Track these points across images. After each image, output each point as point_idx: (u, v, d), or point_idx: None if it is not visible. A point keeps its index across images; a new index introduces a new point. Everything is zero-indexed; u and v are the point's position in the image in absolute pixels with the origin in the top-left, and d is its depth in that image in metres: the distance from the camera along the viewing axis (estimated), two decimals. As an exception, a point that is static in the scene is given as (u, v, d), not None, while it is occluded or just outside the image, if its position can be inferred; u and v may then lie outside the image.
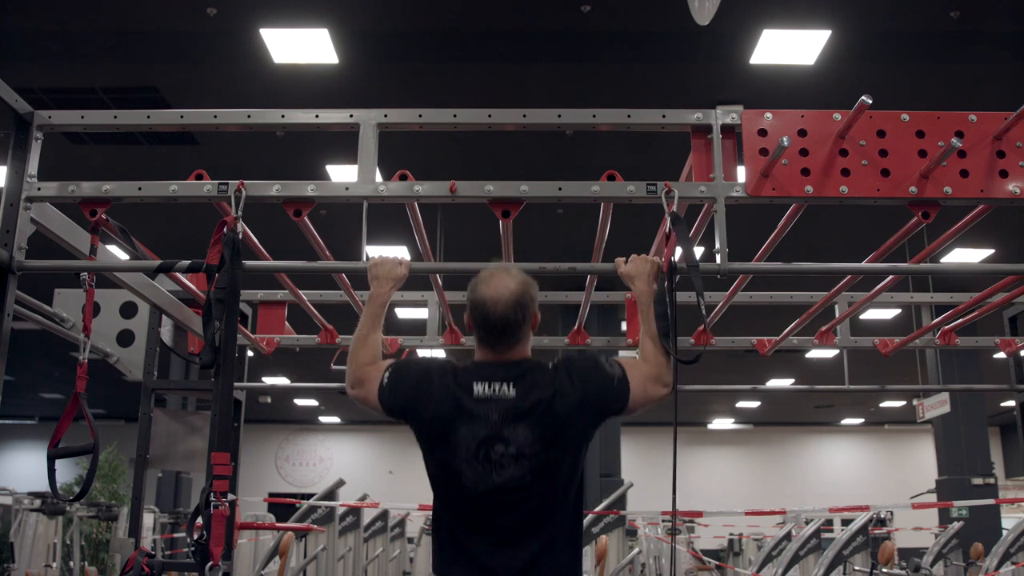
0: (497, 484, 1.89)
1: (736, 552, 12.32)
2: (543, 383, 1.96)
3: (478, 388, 1.94)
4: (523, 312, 2.00)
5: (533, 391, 1.94)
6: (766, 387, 15.38)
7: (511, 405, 1.92)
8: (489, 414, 1.91)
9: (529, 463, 1.90)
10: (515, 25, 6.39)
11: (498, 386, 1.94)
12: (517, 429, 1.90)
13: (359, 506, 7.41)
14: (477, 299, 2.02)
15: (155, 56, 6.66)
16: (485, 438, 1.90)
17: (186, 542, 2.35)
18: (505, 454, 1.89)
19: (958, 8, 6.02)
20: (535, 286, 2.07)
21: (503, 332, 1.99)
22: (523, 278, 2.05)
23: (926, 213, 2.45)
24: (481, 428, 1.91)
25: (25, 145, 2.58)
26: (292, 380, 16.34)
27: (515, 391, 1.93)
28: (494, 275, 2.05)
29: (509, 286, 2.01)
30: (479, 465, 1.90)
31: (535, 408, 1.92)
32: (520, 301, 1.99)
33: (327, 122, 2.61)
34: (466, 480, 1.91)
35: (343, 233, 4.54)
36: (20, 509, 6.70)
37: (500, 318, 1.98)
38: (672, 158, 3.29)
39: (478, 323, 2.02)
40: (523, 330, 2.02)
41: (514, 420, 1.91)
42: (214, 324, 2.29)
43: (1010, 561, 6.39)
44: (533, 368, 2.00)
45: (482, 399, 1.93)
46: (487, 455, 1.90)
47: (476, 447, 1.90)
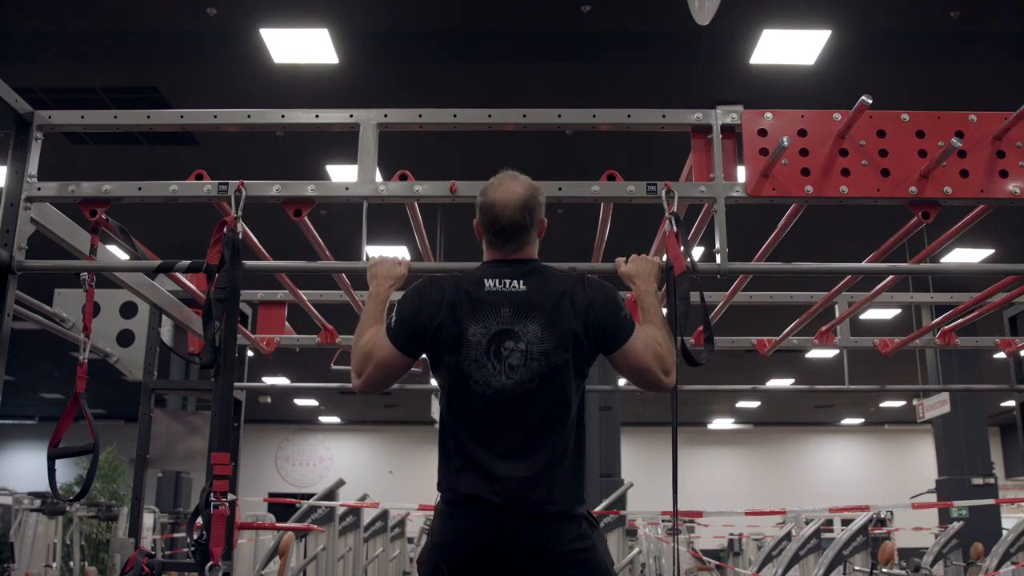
0: (505, 386, 1.93)
1: (736, 552, 12.32)
2: (553, 281, 2.03)
3: (489, 283, 2.01)
4: (531, 215, 2.08)
5: (543, 287, 2.01)
6: (766, 387, 15.38)
7: (521, 299, 1.98)
8: (500, 307, 1.97)
9: (537, 364, 1.94)
10: (515, 25, 6.39)
11: (508, 281, 2.01)
12: (527, 324, 1.96)
13: (359, 506, 7.41)
14: (486, 202, 2.10)
15: (155, 56, 6.66)
16: (496, 333, 1.95)
17: (186, 542, 2.35)
18: (515, 350, 1.94)
19: (958, 8, 6.02)
20: (542, 193, 2.14)
21: (512, 234, 2.07)
22: (531, 183, 2.13)
23: (926, 213, 2.46)
24: (492, 322, 1.96)
25: (25, 145, 2.58)
26: (292, 380, 16.34)
27: (525, 286, 2.00)
28: (503, 180, 2.13)
29: (517, 190, 2.08)
30: (489, 363, 1.94)
31: (544, 303, 1.98)
32: (528, 205, 2.07)
33: (327, 122, 2.61)
34: (475, 384, 1.94)
35: (343, 233, 4.55)
36: (20, 509, 6.70)
37: (509, 220, 2.06)
38: (672, 158, 3.29)
39: (487, 225, 2.10)
40: (530, 233, 2.10)
41: (524, 314, 1.96)
42: (214, 324, 2.29)
43: (1010, 561, 6.39)
44: (542, 268, 2.08)
45: (493, 292, 1.99)
46: (497, 351, 1.94)
47: (487, 343, 1.95)
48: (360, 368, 2.11)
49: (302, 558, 6.29)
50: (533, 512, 1.89)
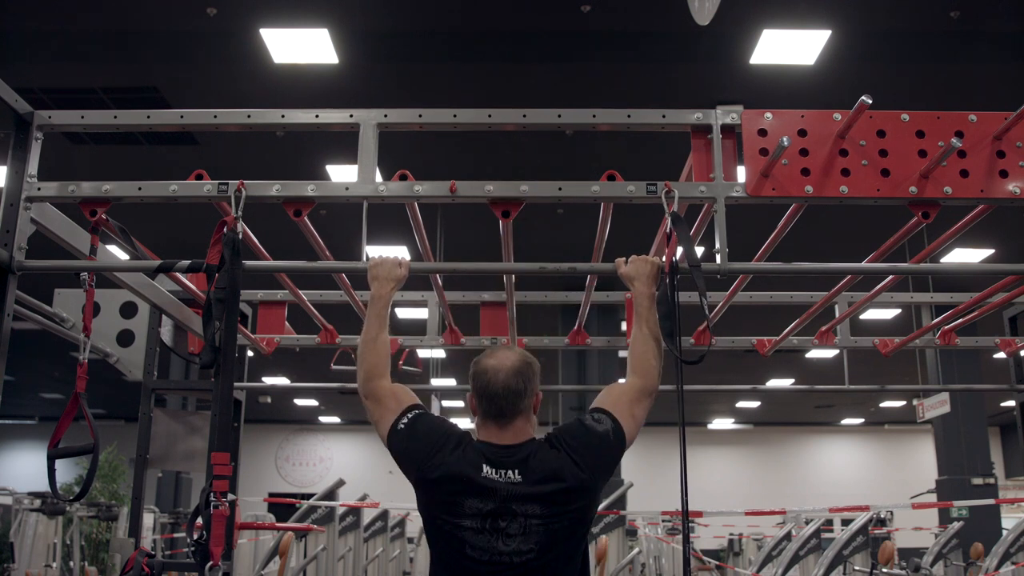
0: (503, 552, 1.88)
1: (736, 552, 12.33)
2: (548, 467, 1.94)
3: (486, 470, 1.93)
4: (525, 382, 2.00)
5: (537, 473, 1.93)
6: (766, 387, 15.39)
7: (518, 490, 1.91)
8: (497, 492, 1.91)
9: (537, 535, 1.89)
10: (515, 25, 6.39)
11: (504, 472, 1.92)
12: (525, 506, 1.90)
13: (359, 506, 7.41)
14: (479, 370, 2.04)
15: (155, 56, 6.66)
16: (493, 510, 1.89)
17: (186, 542, 2.35)
18: (512, 525, 1.89)
19: (958, 8, 6.02)
20: (537, 364, 2.07)
21: (504, 401, 1.98)
22: (524, 353, 2.08)
23: (926, 213, 2.45)
24: (489, 503, 1.90)
25: (25, 145, 2.58)
26: (292, 380, 16.35)
27: (521, 476, 1.92)
28: (496, 350, 2.08)
29: (511, 357, 2.04)
30: (485, 534, 1.89)
31: (541, 491, 1.91)
32: (521, 371, 2.01)
33: (327, 122, 2.61)
34: (470, 550, 1.89)
35: (343, 233, 4.55)
36: (20, 509, 6.71)
37: (502, 386, 1.98)
38: (672, 158, 3.29)
39: (480, 394, 2.02)
40: (525, 401, 2.01)
41: (522, 501, 1.90)
42: (214, 324, 2.29)
43: (1010, 561, 6.39)
44: (536, 452, 1.97)
45: (490, 479, 1.92)
46: (495, 525, 1.89)
47: (483, 517, 1.89)
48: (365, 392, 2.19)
49: (302, 558, 6.29)
50: None
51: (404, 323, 10.34)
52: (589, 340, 4.30)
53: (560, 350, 8.25)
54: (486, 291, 4.24)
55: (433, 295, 4.30)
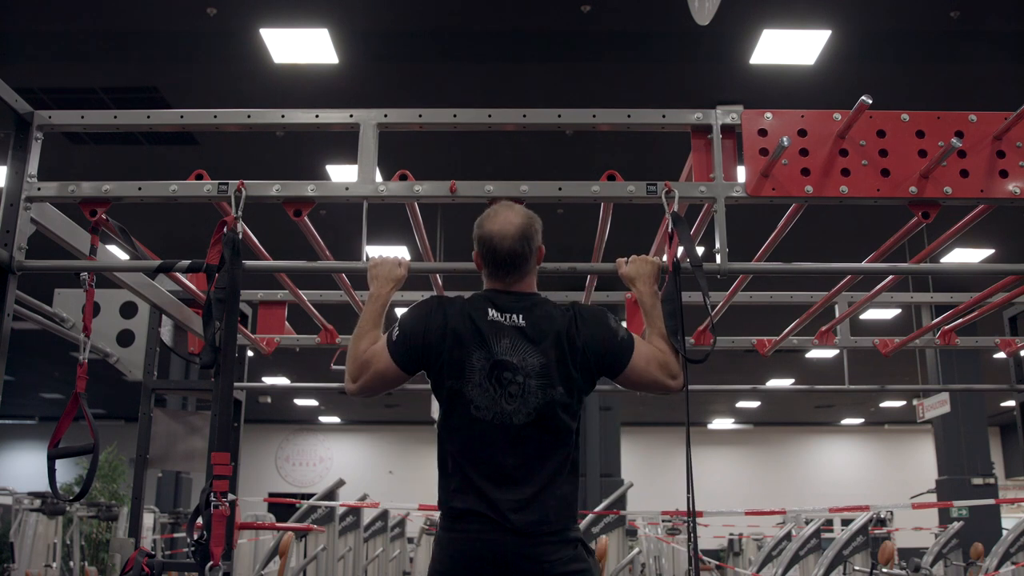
0: (504, 411, 1.96)
1: (736, 552, 12.32)
2: (552, 317, 2.04)
3: (492, 313, 2.02)
4: (528, 245, 2.09)
5: (541, 322, 2.02)
6: (766, 387, 15.37)
7: (521, 333, 2.00)
8: (500, 339, 1.99)
9: (534, 398, 1.97)
10: (515, 25, 6.39)
11: (508, 315, 2.02)
12: (526, 357, 1.98)
13: (359, 506, 7.41)
14: (484, 234, 2.11)
15: (155, 56, 6.66)
16: (496, 363, 1.97)
17: (186, 542, 2.35)
18: (514, 381, 1.97)
19: (958, 8, 6.02)
20: (539, 220, 2.14)
21: (511, 264, 2.08)
22: (527, 212, 2.14)
23: (926, 213, 2.45)
24: (493, 351, 1.98)
25: (25, 145, 2.58)
26: (292, 380, 16.34)
27: (524, 321, 2.02)
28: (499, 211, 2.14)
29: (514, 221, 2.10)
30: (490, 388, 1.96)
31: (543, 338, 2.00)
32: (525, 234, 2.08)
33: (327, 122, 2.61)
34: (475, 409, 1.97)
35: (343, 233, 4.55)
36: (20, 509, 6.70)
37: (507, 251, 2.07)
38: (672, 158, 3.29)
39: (486, 257, 2.11)
40: (529, 263, 2.11)
41: (523, 348, 1.98)
42: (214, 324, 2.29)
43: (1010, 561, 6.39)
44: (542, 302, 2.08)
45: (494, 323, 2.01)
46: (498, 379, 1.97)
47: (488, 370, 1.97)
48: (356, 374, 2.12)
49: (302, 558, 6.29)
50: (530, 532, 1.92)
51: (404, 323, 10.33)
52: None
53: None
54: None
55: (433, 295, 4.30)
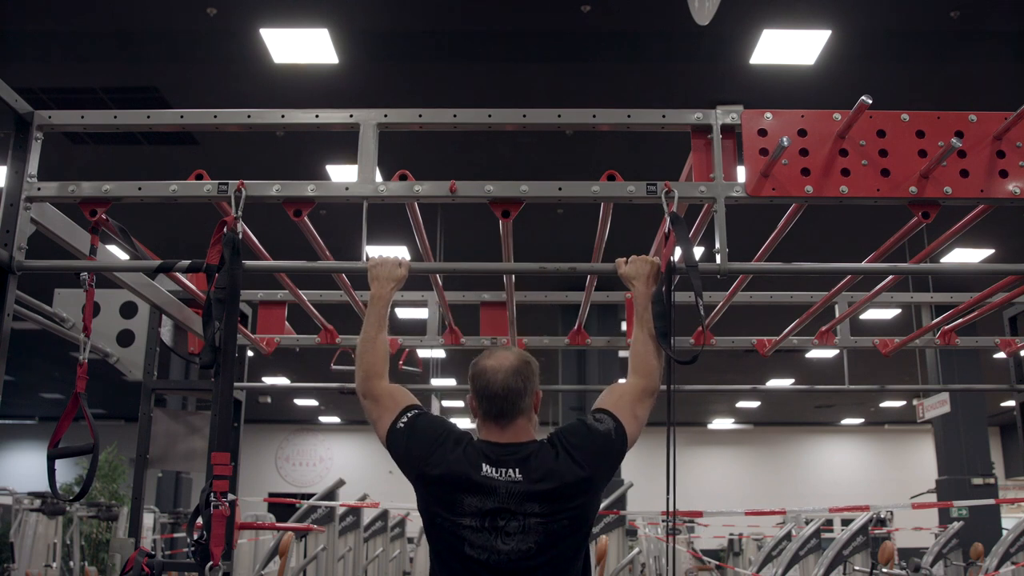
0: (503, 552, 1.87)
1: (736, 552, 12.31)
2: (548, 466, 1.93)
3: (486, 469, 1.92)
4: (524, 382, 2.00)
5: (538, 472, 1.92)
6: (766, 387, 15.39)
7: (518, 488, 1.90)
8: (497, 491, 1.90)
9: (536, 533, 1.88)
10: (515, 25, 6.39)
11: (504, 470, 1.92)
12: (525, 505, 1.89)
13: (359, 506, 7.41)
14: (478, 371, 2.03)
15: (155, 56, 6.66)
16: (493, 509, 1.89)
17: (186, 542, 2.35)
18: (511, 523, 1.88)
19: (958, 8, 6.02)
20: (536, 363, 2.07)
21: (504, 401, 1.98)
22: (523, 353, 2.07)
23: (926, 213, 2.45)
24: (489, 501, 1.89)
25: (25, 145, 2.58)
26: (292, 380, 16.35)
27: (521, 475, 1.91)
28: (495, 350, 2.08)
29: (509, 357, 2.03)
30: (485, 532, 1.88)
31: (541, 490, 1.90)
32: (521, 370, 2.01)
33: (327, 122, 2.61)
34: (470, 548, 1.88)
35: (343, 233, 4.55)
36: (20, 509, 6.70)
37: (501, 385, 1.98)
38: (672, 158, 3.29)
39: (480, 394, 2.01)
40: (525, 401, 2.01)
41: (521, 500, 1.89)
42: (214, 324, 2.29)
43: (1010, 561, 6.38)
44: (537, 451, 1.96)
45: (489, 478, 1.91)
46: (494, 524, 1.88)
47: (483, 515, 1.89)
48: (361, 392, 2.19)
49: (302, 558, 6.29)
50: None
51: (404, 323, 10.34)
52: (589, 340, 4.30)
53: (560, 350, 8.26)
54: (486, 291, 4.24)
55: (433, 295, 4.30)
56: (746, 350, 4.42)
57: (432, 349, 7.45)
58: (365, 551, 7.83)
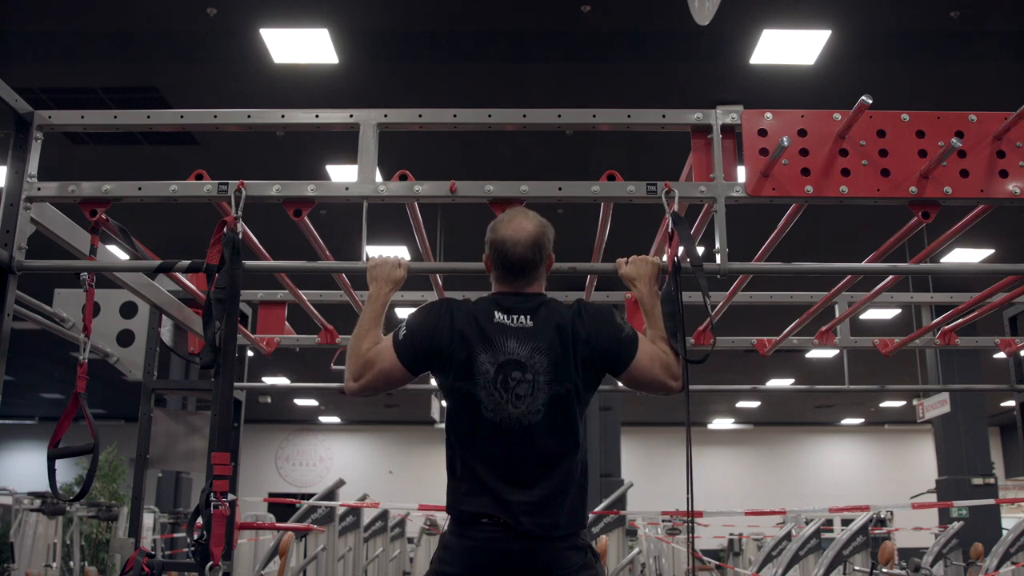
0: (512, 414, 1.96)
1: (736, 552, 12.31)
2: (559, 317, 2.05)
3: (498, 315, 2.04)
4: (540, 252, 2.11)
5: (549, 322, 2.03)
6: (766, 387, 15.38)
7: (528, 333, 2.01)
8: (507, 340, 2.00)
9: (543, 394, 1.97)
10: (515, 25, 6.39)
11: (516, 316, 2.04)
12: (533, 356, 1.99)
13: (359, 506, 7.41)
14: (497, 238, 2.12)
15: (155, 56, 6.65)
16: (504, 363, 1.98)
17: (186, 542, 2.35)
18: (522, 380, 1.97)
19: (958, 8, 6.02)
20: (551, 229, 2.16)
21: (521, 270, 2.10)
22: (541, 220, 2.15)
23: (926, 213, 2.46)
24: (500, 353, 1.99)
25: (25, 145, 2.58)
26: (292, 380, 16.34)
27: (532, 321, 2.03)
28: (514, 216, 2.15)
29: (527, 227, 2.11)
30: (497, 392, 1.97)
31: (550, 338, 2.01)
32: (538, 241, 2.10)
33: (327, 122, 2.61)
34: (485, 411, 1.97)
35: (343, 233, 4.54)
36: (20, 509, 6.70)
37: (519, 257, 2.08)
38: (672, 158, 3.29)
39: (497, 262, 2.12)
40: (540, 269, 2.13)
41: (531, 347, 2.00)
42: (214, 324, 2.29)
43: (1010, 561, 6.38)
44: (549, 302, 2.09)
45: (501, 324, 2.02)
46: (504, 381, 1.98)
47: (495, 372, 1.98)
48: (358, 373, 2.12)
49: (302, 558, 6.29)
50: (542, 536, 1.93)
51: (404, 323, 10.32)
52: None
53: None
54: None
55: (433, 295, 4.30)
56: (746, 350, 4.42)
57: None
58: (365, 551, 7.83)
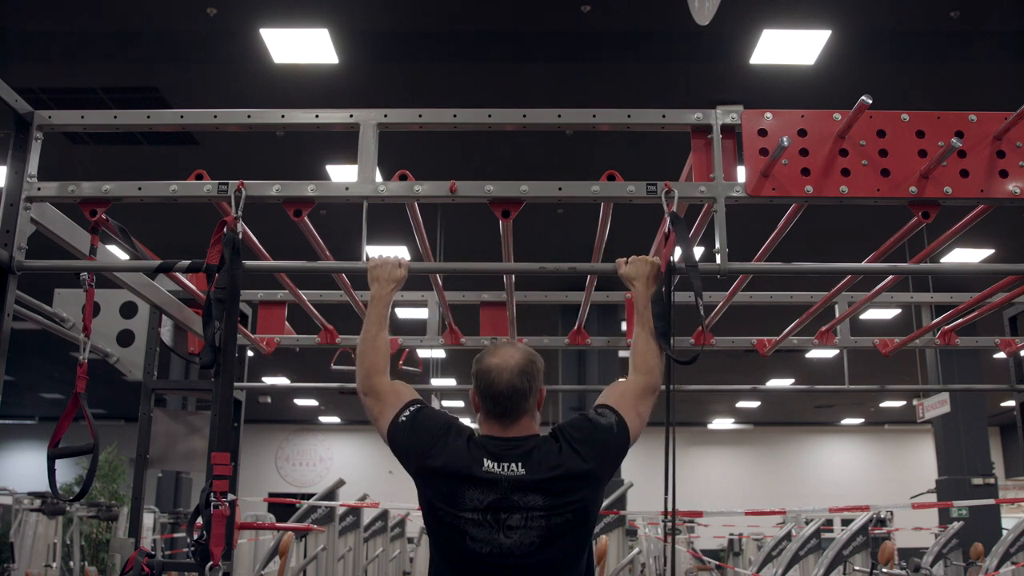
0: (505, 547, 1.84)
1: (736, 552, 12.31)
2: (551, 460, 1.91)
3: (488, 464, 1.89)
4: (529, 381, 1.97)
5: (541, 466, 1.90)
6: (766, 387, 15.38)
7: (520, 482, 1.88)
8: (499, 484, 1.87)
9: (538, 527, 1.85)
10: (515, 25, 6.39)
11: (507, 464, 1.89)
12: (528, 497, 1.87)
13: (359, 506, 7.41)
14: (482, 368, 1.99)
15: (155, 56, 6.66)
16: (494, 501, 1.86)
17: (186, 542, 2.35)
18: (514, 516, 1.85)
19: (958, 8, 6.02)
20: (541, 360, 2.04)
21: (509, 401, 1.95)
22: (529, 350, 2.03)
23: (926, 213, 2.45)
24: (490, 494, 1.86)
25: (25, 145, 2.58)
26: (292, 380, 16.35)
27: (524, 469, 1.89)
28: (500, 346, 2.04)
29: (515, 356, 1.99)
30: (486, 526, 1.85)
31: (543, 483, 1.88)
32: (526, 370, 1.97)
33: (327, 122, 2.61)
34: (471, 542, 1.85)
35: (343, 233, 4.54)
36: (20, 509, 6.70)
37: (506, 385, 1.94)
38: (672, 158, 3.29)
39: (483, 393, 1.98)
40: (529, 401, 1.98)
41: (523, 493, 1.87)
42: (214, 324, 2.29)
43: (1010, 561, 6.38)
44: (540, 445, 1.94)
45: (491, 473, 1.88)
46: (495, 517, 1.85)
47: (484, 508, 1.86)
48: (362, 390, 2.17)
49: (302, 558, 6.29)
50: None
51: (404, 323, 10.33)
52: (589, 340, 4.30)
53: (560, 350, 8.25)
54: (486, 291, 4.24)
55: (433, 295, 4.30)
56: (746, 350, 4.42)
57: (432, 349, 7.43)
58: (365, 551, 7.83)
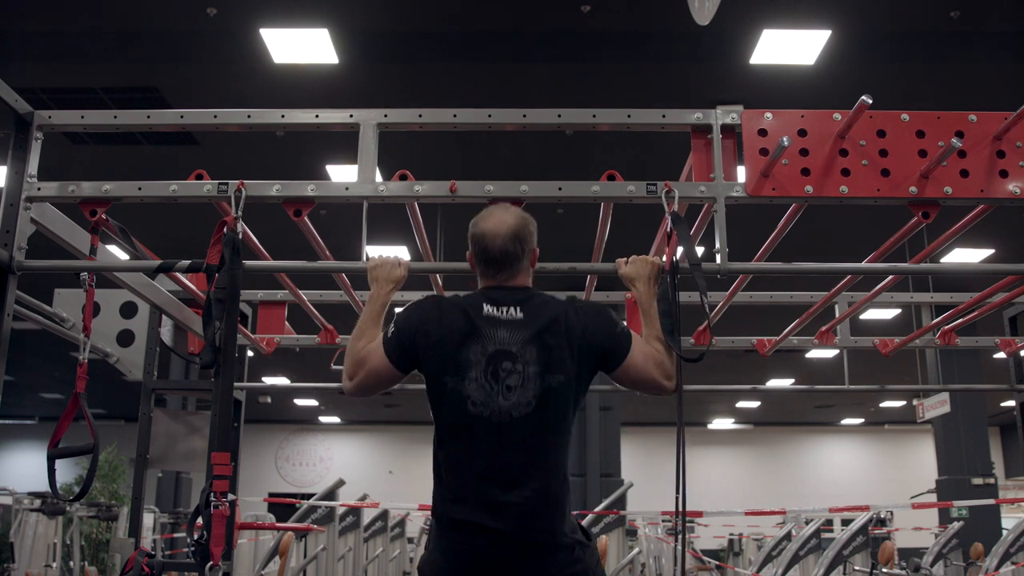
0: (502, 407, 1.93)
1: (736, 552, 12.31)
2: (551, 309, 2.02)
3: (488, 308, 2.01)
4: (521, 245, 2.09)
5: (539, 314, 2.01)
6: (766, 387, 15.37)
7: (518, 324, 1.99)
8: (497, 330, 1.98)
9: (534, 385, 1.94)
10: (515, 25, 6.39)
11: (505, 308, 2.01)
12: (525, 347, 1.96)
13: (359, 506, 7.41)
14: (477, 233, 2.12)
15: (155, 56, 6.66)
16: (494, 353, 1.96)
17: (186, 542, 2.35)
18: (512, 371, 1.94)
19: (958, 8, 6.02)
20: (533, 222, 2.14)
21: (502, 262, 2.08)
22: (521, 213, 2.14)
23: (926, 213, 2.45)
24: (490, 344, 1.96)
25: (25, 145, 2.58)
26: (292, 380, 16.34)
27: (522, 312, 2.00)
28: (493, 211, 2.15)
29: (507, 220, 2.10)
30: (487, 384, 1.94)
31: (541, 327, 1.99)
32: (518, 234, 2.08)
33: (327, 122, 2.61)
34: (472, 405, 1.94)
35: (343, 233, 4.54)
36: (20, 509, 6.70)
37: (499, 250, 2.07)
38: (672, 158, 3.29)
39: (478, 256, 2.12)
40: (522, 262, 2.10)
41: (522, 338, 1.97)
42: (214, 324, 2.29)
43: (1010, 561, 6.38)
44: (538, 295, 2.07)
45: (491, 317, 1.99)
46: (495, 372, 1.94)
47: (485, 363, 1.95)
48: (352, 372, 2.14)
49: (302, 558, 6.29)
50: (531, 540, 1.90)
51: (404, 323, 10.32)
52: (589, 340, 4.29)
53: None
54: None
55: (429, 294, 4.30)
56: (746, 350, 4.41)
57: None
58: (365, 551, 7.83)
